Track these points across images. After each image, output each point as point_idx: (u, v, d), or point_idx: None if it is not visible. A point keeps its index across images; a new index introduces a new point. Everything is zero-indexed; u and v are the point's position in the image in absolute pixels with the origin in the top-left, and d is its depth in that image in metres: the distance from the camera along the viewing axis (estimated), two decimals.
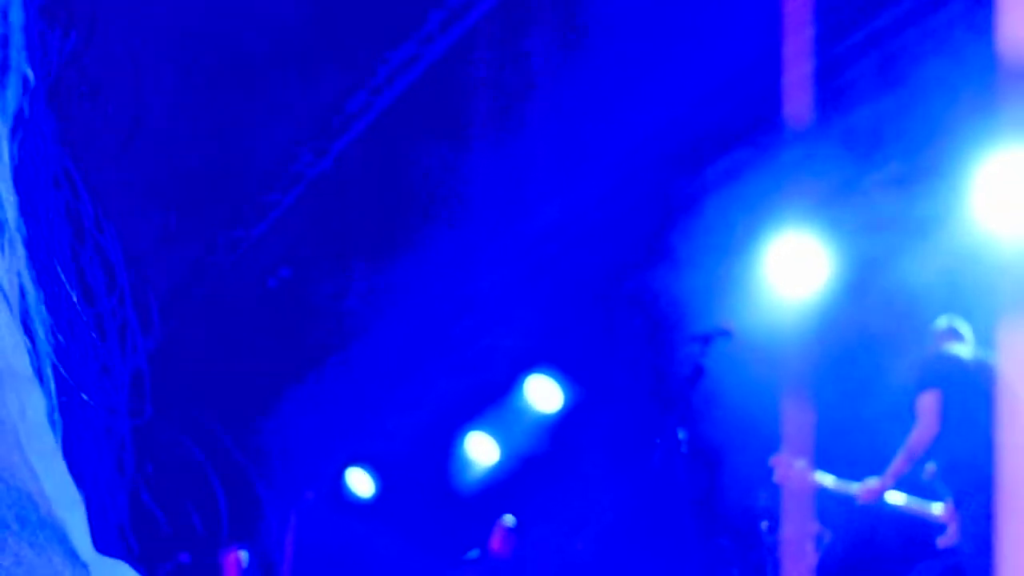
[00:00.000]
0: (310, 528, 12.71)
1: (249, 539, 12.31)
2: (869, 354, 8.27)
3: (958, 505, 6.51)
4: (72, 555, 1.55)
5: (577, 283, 10.66)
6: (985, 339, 7.07)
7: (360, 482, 13.20)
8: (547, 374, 11.21)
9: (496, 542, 9.75)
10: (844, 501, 7.09)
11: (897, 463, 6.74)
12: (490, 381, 11.68)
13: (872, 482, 6.85)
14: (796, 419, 8.57)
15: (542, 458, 11.39)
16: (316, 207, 10.78)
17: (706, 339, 6.29)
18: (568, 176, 9.88)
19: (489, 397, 11.73)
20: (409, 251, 10.76)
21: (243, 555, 10.27)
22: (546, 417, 11.34)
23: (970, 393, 6.53)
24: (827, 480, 7.17)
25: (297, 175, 10.54)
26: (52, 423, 1.67)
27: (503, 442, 11.83)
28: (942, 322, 7.04)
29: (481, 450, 12.01)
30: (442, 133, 9.56)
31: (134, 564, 1.74)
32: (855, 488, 6.95)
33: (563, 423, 11.23)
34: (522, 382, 11.34)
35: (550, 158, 9.54)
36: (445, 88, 9.29)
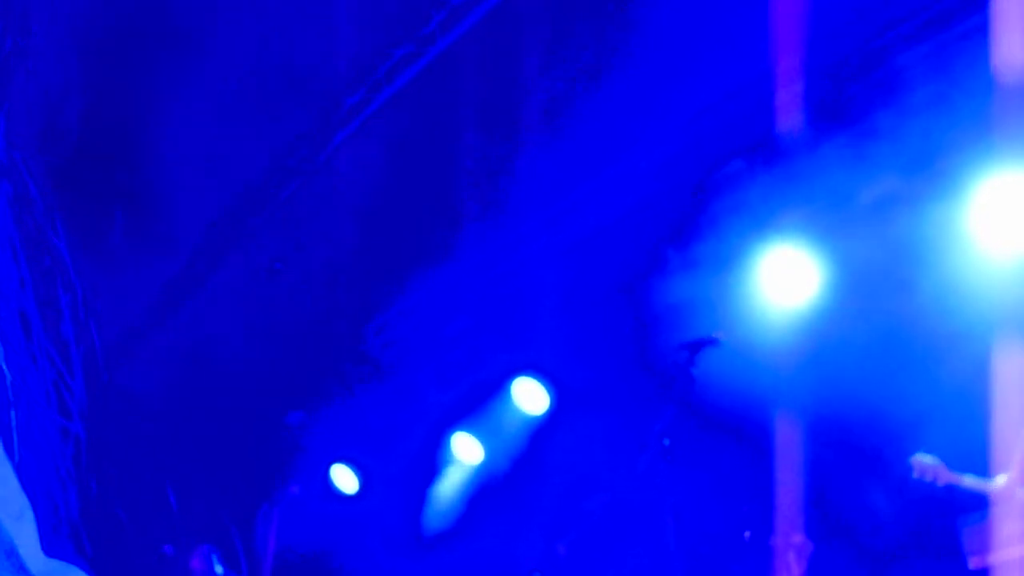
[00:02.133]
0: (295, 521, 12.69)
1: (236, 529, 12.30)
2: (861, 367, 8.26)
3: None
4: (21, 569, 1.52)
5: (567, 288, 10.63)
6: (979, 360, 7.01)
7: (344, 478, 13.16)
8: (534, 377, 11.18)
9: None
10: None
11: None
12: (477, 382, 11.65)
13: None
14: (786, 429, 8.57)
15: (527, 461, 11.37)
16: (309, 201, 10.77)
17: (695, 347, 6.26)
18: (559, 184, 9.87)
19: (476, 398, 11.70)
20: (400, 254, 10.76)
21: (213, 557, 10.23)
22: (532, 420, 11.31)
23: None
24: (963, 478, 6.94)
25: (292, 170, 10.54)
26: (6, 421, 1.64)
27: (488, 443, 11.80)
28: None
29: (466, 451, 11.97)
30: (436, 135, 9.56)
31: (87, 565, 1.71)
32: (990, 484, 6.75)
33: (549, 427, 11.20)
34: (509, 384, 11.30)
35: (542, 169, 9.54)
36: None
